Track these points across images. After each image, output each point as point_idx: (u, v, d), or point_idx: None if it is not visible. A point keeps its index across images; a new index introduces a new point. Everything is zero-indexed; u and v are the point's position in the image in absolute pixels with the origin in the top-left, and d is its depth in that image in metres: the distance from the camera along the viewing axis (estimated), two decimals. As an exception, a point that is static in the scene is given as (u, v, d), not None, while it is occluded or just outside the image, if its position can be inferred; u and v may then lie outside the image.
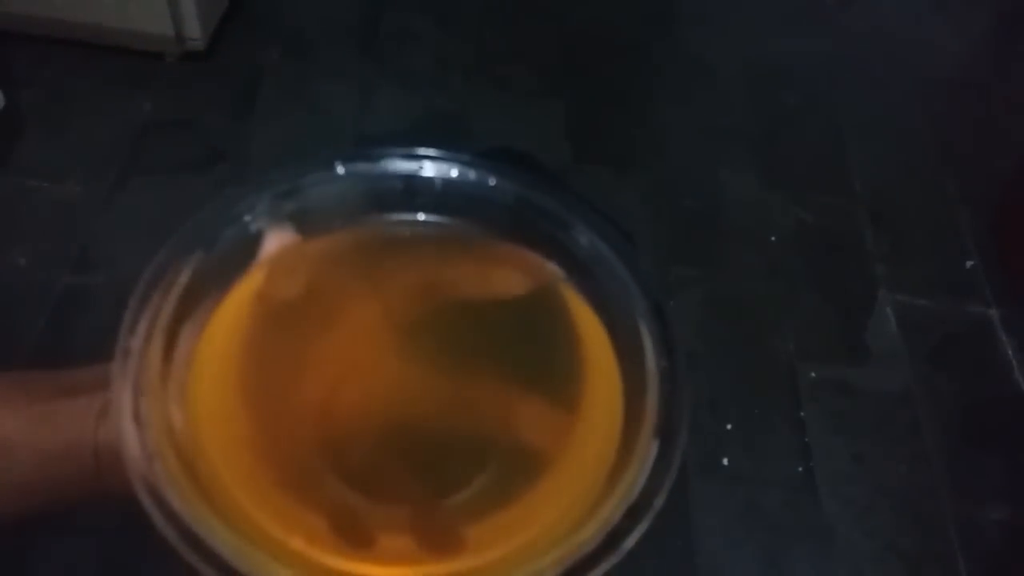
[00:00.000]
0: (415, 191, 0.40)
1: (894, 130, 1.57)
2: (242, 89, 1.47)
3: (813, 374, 1.22)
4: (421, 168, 0.40)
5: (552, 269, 0.39)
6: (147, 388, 0.32)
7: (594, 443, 0.35)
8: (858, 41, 1.70)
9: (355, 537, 0.32)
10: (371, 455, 0.36)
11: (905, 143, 1.55)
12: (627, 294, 0.38)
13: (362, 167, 0.40)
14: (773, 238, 1.37)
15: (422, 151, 0.40)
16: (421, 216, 0.41)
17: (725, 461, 1.12)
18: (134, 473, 0.30)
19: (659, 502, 0.31)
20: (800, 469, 1.13)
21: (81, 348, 1.12)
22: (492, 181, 0.40)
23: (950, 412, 1.20)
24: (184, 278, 0.35)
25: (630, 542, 0.30)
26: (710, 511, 1.08)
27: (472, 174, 0.40)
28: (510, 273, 0.41)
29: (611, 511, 0.31)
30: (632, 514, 0.31)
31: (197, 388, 0.34)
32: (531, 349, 0.39)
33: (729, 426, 1.15)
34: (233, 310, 0.36)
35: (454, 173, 0.40)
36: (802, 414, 1.18)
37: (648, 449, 0.33)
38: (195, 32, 1.44)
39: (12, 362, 1.11)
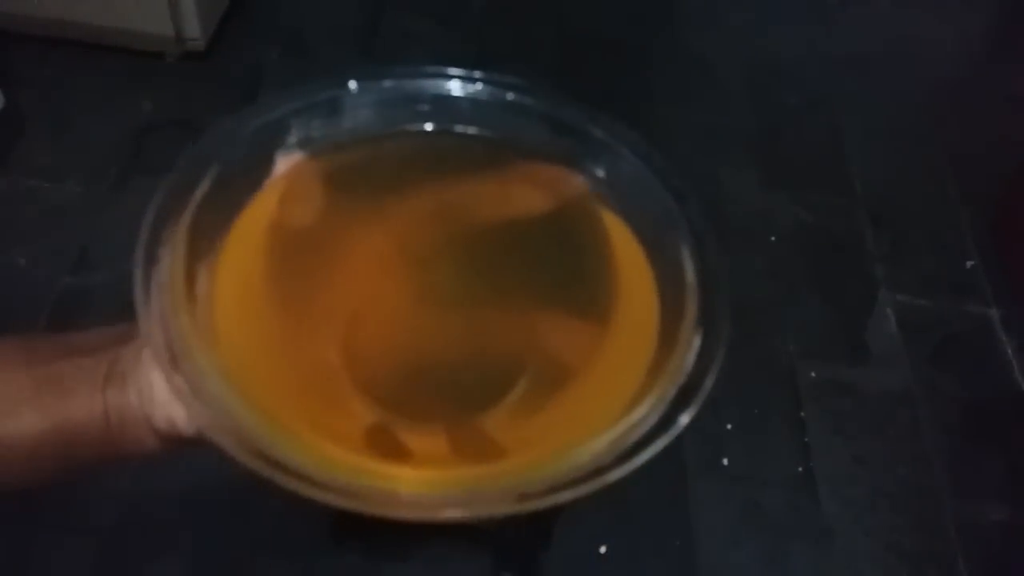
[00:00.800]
0: (430, 109, 0.38)
1: (894, 130, 1.57)
2: (242, 89, 1.47)
3: (813, 374, 1.22)
4: (436, 86, 0.38)
5: (577, 182, 0.38)
6: (177, 324, 0.31)
7: (629, 348, 0.34)
8: (858, 41, 1.70)
9: (392, 450, 0.32)
10: (400, 380, 0.35)
11: (905, 143, 1.55)
12: (656, 199, 0.37)
13: (375, 85, 0.38)
14: (773, 238, 1.37)
15: (434, 69, 0.38)
16: (437, 134, 0.39)
17: (725, 461, 1.12)
18: (188, 406, 0.29)
19: (710, 382, 0.30)
20: (800, 469, 1.13)
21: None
22: (510, 96, 0.38)
23: (950, 412, 1.20)
24: (197, 200, 0.34)
25: (685, 419, 0.30)
26: (710, 511, 1.08)
27: (489, 89, 0.38)
28: (531, 189, 0.39)
29: (661, 393, 0.31)
30: (683, 395, 0.30)
31: (223, 318, 0.33)
32: (558, 263, 0.38)
33: (729, 426, 1.15)
34: (248, 235, 0.35)
35: (472, 89, 0.38)
36: (802, 414, 1.18)
37: (691, 339, 0.32)
38: (195, 32, 1.44)
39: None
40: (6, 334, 0.38)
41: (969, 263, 1.37)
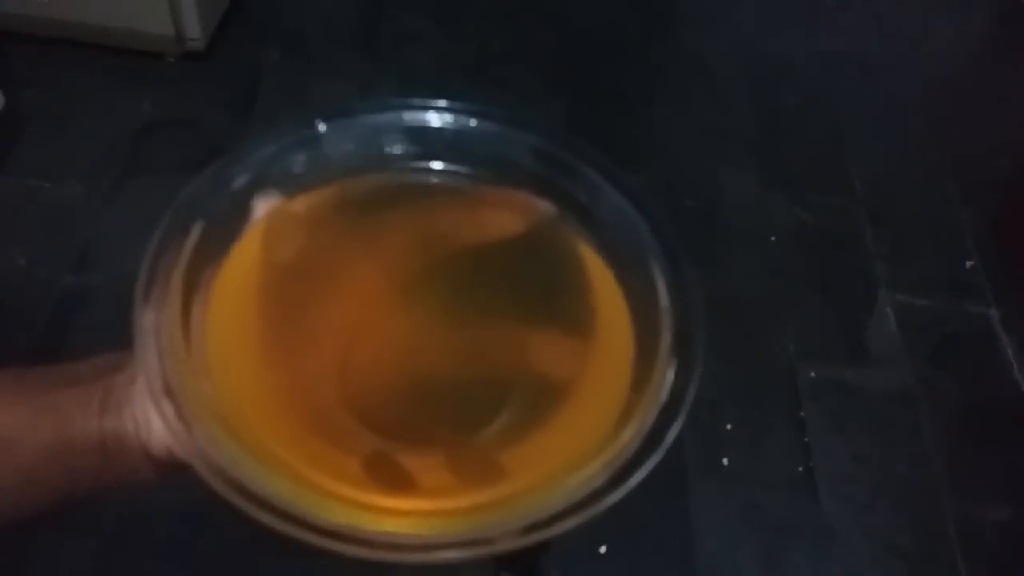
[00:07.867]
0: (396, 142, 0.40)
1: (894, 130, 1.57)
2: (242, 89, 1.47)
3: (813, 374, 1.22)
4: (400, 119, 0.40)
5: (543, 206, 0.39)
6: (173, 360, 0.32)
7: (611, 361, 0.35)
8: (858, 41, 1.70)
9: (395, 480, 0.33)
10: (394, 407, 0.36)
11: (905, 143, 1.55)
12: (621, 214, 0.38)
13: (343, 123, 0.40)
14: (773, 238, 1.37)
15: (396, 101, 0.40)
16: (406, 167, 0.40)
17: (725, 461, 1.12)
18: (178, 441, 0.30)
19: (691, 393, 0.32)
20: (800, 469, 1.13)
21: (81, 348, 1.11)
22: (473, 123, 0.40)
23: (950, 412, 1.20)
24: (185, 251, 0.35)
25: (670, 437, 0.31)
26: (710, 511, 1.08)
27: (452, 119, 0.40)
28: (502, 214, 0.41)
29: (646, 411, 0.32)
30: (667, 411, 0.32)
31: (216, 355, 0.34)
32: (534, 284, 0.40)
33: (729, 426, 1.15)
34: (234, 277, 0.36)
35: (435, 120, 0.40)
36: (802, 414, 1.18)
37: (669, 357, 0.33)
38: (195, 32, 1.44)
39: (12, 362, 1.11)
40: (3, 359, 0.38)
41: (969, 263, 1.37)
